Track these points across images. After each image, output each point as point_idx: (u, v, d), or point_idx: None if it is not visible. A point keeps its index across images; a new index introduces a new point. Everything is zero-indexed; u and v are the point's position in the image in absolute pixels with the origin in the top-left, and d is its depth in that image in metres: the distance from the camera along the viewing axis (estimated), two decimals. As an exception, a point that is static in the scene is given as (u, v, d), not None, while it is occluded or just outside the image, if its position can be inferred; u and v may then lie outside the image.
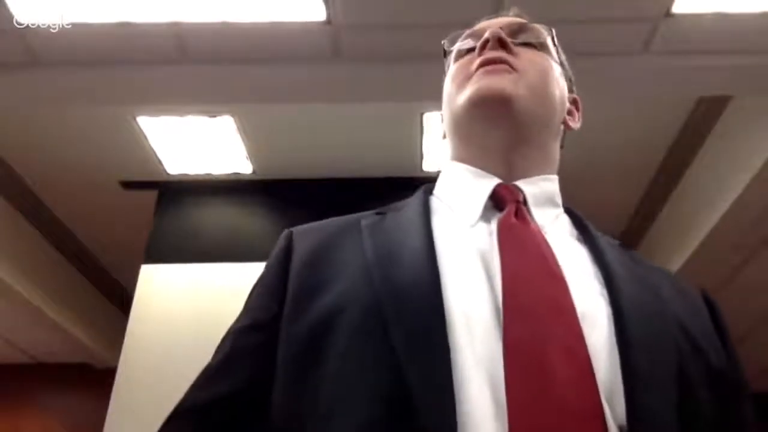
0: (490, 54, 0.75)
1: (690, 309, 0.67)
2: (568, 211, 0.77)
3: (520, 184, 0.72)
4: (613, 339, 0.57)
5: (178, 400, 0.66)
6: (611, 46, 2.37)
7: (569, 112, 0.82)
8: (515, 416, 0.50)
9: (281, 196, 3.38)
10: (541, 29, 0.81)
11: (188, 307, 2.93)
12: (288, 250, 0.71)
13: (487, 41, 0.76)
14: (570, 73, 0.85)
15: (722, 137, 3.03)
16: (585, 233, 0.72)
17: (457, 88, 0.77)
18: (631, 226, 3.83)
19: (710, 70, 2.43)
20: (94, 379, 4.79)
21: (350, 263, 0.65)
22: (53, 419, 5.03)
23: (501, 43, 0.76)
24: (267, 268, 0.72)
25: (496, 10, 0.91)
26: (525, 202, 0.70)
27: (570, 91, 0.83)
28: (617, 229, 3.81)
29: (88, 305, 4.50)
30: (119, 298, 4.58)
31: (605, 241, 0.71)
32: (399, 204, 0.77)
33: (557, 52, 0.82)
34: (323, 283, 0.64)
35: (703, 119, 3.05)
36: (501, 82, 0.72)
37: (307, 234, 0.73)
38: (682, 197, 3.42)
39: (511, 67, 0.74)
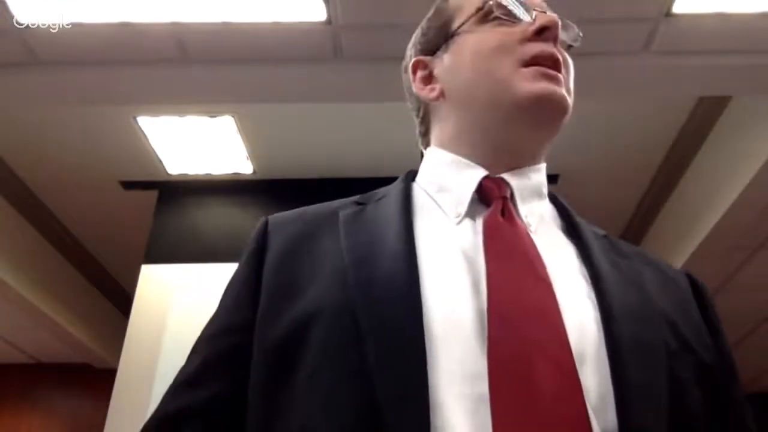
0: (556, 54, 0.70)
1: (677, 301, 0.66)
2: (553, 198, 0.75)
3: (507, 176, 0.70)
4: (602, 345, 0.56)
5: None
6: (611, 46, 2.36)
7: None
8: None
9: (281, 196, 3.38)
10: (575, 28, 0.76)
11: (188, 307, 2.93)
12: (261, 250, 0.68)
13: (547, 29, 0.70)
14: None
15: (722, 137, 3.02)
16: (571, 226, 0.70)
17: (509, 68, 0.69)
18: (631, 226, 3.82)
19: (710, 70, 2.43)
20: (94, 379, 4.80)
21: (325, 263, 0.62)
22: (53, 419, 5.03)
23: (555, 40, 0.71)
24: (241, 266, 0.70)
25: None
26: (512, 197, 0.68)
27: None
28: (617, 229, 3.81)
29: (88, 305, 4.50)
30: (119, 298, 4.58)
31: (591, 233, 0.69)
32: (380, 192, 0.74)
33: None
34: (296, 288, 0.61)
35: (703, 119, 3.05)
36: (563, 92, 0.69)
37: (283, 227, 0.70)
38: (682, 197, 3.42)
39: (563, 77, 0.71)
